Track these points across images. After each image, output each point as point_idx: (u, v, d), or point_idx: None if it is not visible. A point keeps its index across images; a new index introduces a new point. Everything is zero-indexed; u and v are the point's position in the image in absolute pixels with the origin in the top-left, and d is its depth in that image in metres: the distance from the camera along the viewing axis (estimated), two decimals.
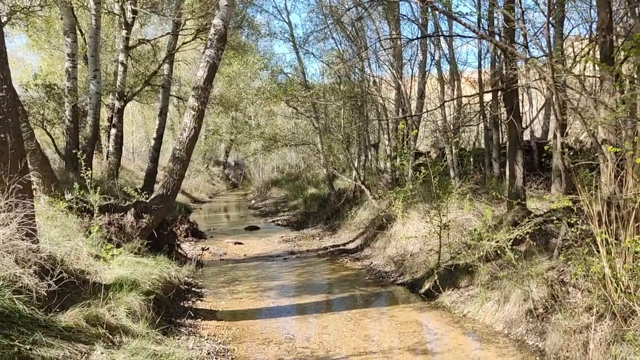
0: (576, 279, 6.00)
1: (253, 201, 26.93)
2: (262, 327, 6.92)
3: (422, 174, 8.98)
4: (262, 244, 13.65)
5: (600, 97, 6.38)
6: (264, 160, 32.81)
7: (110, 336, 5.38)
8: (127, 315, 5.85)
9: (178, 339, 6.06)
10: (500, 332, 6.42)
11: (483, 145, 15.54)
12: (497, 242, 6.54)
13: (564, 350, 5.41)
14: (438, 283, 7.86)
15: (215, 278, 9.92)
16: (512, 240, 6.72)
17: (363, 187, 14.57)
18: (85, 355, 4.86)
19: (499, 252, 7.04)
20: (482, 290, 7.35)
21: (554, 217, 6.60)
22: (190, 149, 10.15)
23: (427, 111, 12.27)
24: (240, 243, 13.60)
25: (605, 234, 5.40)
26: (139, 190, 11.79)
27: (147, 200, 10.01)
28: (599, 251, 5.56)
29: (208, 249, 12.71)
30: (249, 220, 19.36)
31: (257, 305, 8.01)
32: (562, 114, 6.32)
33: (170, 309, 7.31)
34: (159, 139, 16.49)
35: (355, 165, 15.81)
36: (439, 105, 12.69)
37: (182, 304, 7.79)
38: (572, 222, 6.00)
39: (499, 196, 10.50)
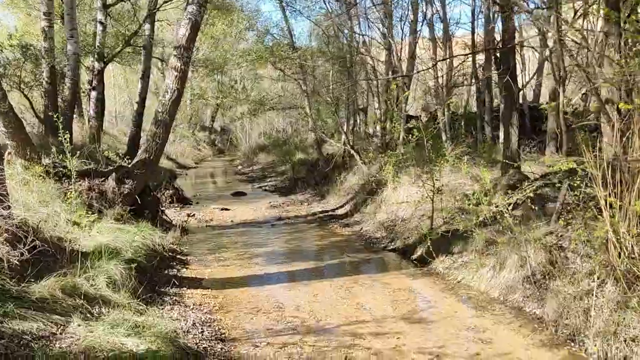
0: (576, 244, 5.79)
1: (240, 167, 26.52)
2: (250, 295, 6.66)
3: (414, 136, 8.64)
4: (250, 210, 13.34)
5: (606, 52, 6.05)
6: (250, 126, 32.23)
7: (89, 307, 5.07)
8: (107, 285, 5.54)
9: (162, 309, 5.78)
10: (496, 299, 6.23)
11: (474, 109, 15.22)
12: (497, 206, 6.27)
13: (564, 317, 5.23)
14: (431, 249, 7.63)
15: (201, 245, 9.62)
16: (510, 205, 6.45)
17: (352, 151, 14.24)
18: (62, 327, 4.56)
19: (496, 217, 6.80)
20: (476, 256, 7.14)
21: (555, 180, 6.34)
22: (173, 111, 9.73)
23: (419, 71, 11.90)
24: (227, 209, 13.28)
25: (610, 197, 5.16)
26: (121, 155, 11.38)
27: (129, 165, 9.63)
28: (602, 215, 5.33)
29: (194, 215, 12.38)
30: (236, 186, 19.00)
31: (245, 273, 7.74)
32: (564, 71, 5.98)
33: (154, 277, 7.02)
34: (142, 102, 15.91)
35: (345, 129, 15.42)
36: (431, 65, 12.28)
37: (166, 272, 7.50)
38: (574, 185, 5.74)
39: (496, 159, 10.29)
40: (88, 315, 4.92)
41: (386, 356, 4.82)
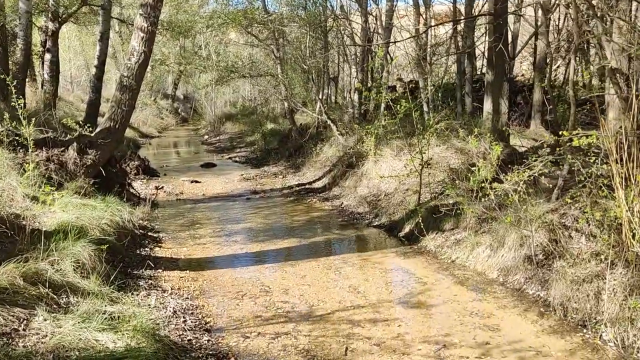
0: (583, 223, 5.47)
1: (206, 136, 25.61)
2: (232, 277, 6.16)
3: (402, 107, 8.17)
4: (221, 182, 12.71)
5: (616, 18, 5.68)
6: (216, 94, 31.04)
7: (55, 297, 4.48)
8: (74, 270, 4.94)
9: (137, 295, 5.22)
10: (495, 280, 5.91)
11: (453, 80, 14.82)
12: (513, 184, 5.88)
13: (572, 301, 4.94)
14: (422, 226, 7.27)
15: (173, 220, 9.01)
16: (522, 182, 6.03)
17: (329, 121, 13.68)
18: (25, 322, 3.98)
19: (487, 193, 6.43)
20: (470, 234, 6.81)
21: (561, 155, 5.99)
22: (140, 76, 8.99)
23: (397, 40, 11.31)
24: (197, 181, 12.61)
25: (624, 173, 4.84)
26: (80, 122, 10.52)
27: (92, 134, 8.86)
28: (613, 193, 5.03)
29: (162, 187, 11.68)
30: (204, 156, 18.24)
31: (224, 252, 7.21)
32: (580, 37, 5.56)
33: (126, 258, 6.43)
34: (100, 66, 14.82)
35: (319, 98, 14.79)
36: (411, 35, 11.75)
37: (138, 251, 6.90)
38: (578, 160, 5.40)
39: (480, 131, 9.96)
40: (55, 306, 4.33)
41: (390, 347, 4.42)
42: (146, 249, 7.11)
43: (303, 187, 11.85)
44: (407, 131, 9.94)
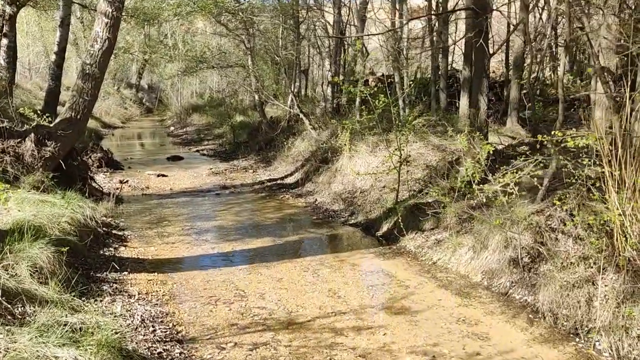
0: (571, 224, 5.31)
1: (172, 128, 24.86)
2: (204, 280, 5.78)
3: (380, 102, 7.90)
4: (189, 176, 12.22)
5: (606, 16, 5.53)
6: (182, 84, 30.20)
7: (10, 306, 4.03)
8: (31, 275, 4.48)
9: (101, 302, 4.80)
10: (479, 283, 5.72)
11: (427, 75, 14.67)
12: (503, 185, 5.67)
13: (562, 308, 4.77)
14: (402, 225, 7.03)
15: (139, 217, 8.54)
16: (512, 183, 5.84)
17: (302, 115, 13.33)
18: None
19: (465, 192, 6.24)
20: (452, 234, 6.60)
21: (549, 155, 5.83)
22: (104, 64, 8.49)
23: (379, 33, 11.04)
24: (164, 175, 12.09)
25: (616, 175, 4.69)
26: (39, 112, 9.90)
27: (52, 125, 8.32)
28: (604, 195, 4.88)
29: (127, 181, 11.13)
30: (170, 149, 17.63)
31: (194, 252, 6.82)
32: (571, 34, 5.38)
33: (88, 259, 5.97)
34: (60, 53, 14.04)
35: (291, 90, 14.39)
36: (390, 28, 11.50)
37: (102, 252, 6.44)
38: (569, 162, 5.24)
39: (457, 128, 9.83)
40: (9, 317, 3.88)
41: (376, 358, 4.15)
42: (110, 248, 6.65)
43: (275, 182, 11.50)
44: (384, 127, 9.70)
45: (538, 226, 5.53)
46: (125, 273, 5.78)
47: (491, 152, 7.01)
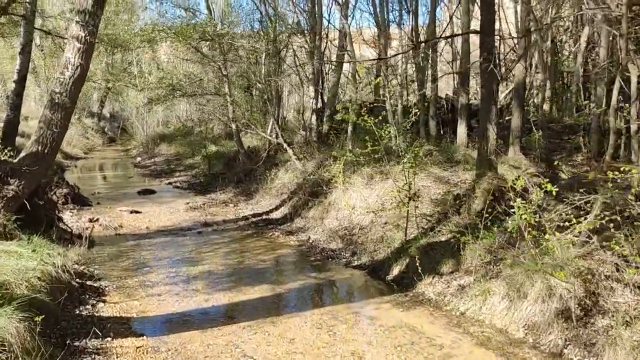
0: (632, 273, 4.71)
1: (139, 158, 23.67)
2: (204, 344, 4.91)
3: (386, 132, 7.27)
4: (166, 212, 11.26)
5: None
6: (148, 113, 29.06)
7: None
8: None
9: None
10: (523, 340, 5.01)
11: (413, 102, 14.22)
12: (576, 235, 5.03)
13: None
14: (419, 269, 6.33)
15: (116, 263, 7.57)
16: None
17: (285, 144, 12.61)
18: None
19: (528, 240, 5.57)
20: (478, 279, 5.93)
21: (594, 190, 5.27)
22: (76, 92, 7.73)
23: (374, 60, 10.51)
24: (137, 212, 11.09)
25: None
26: None
27: (15, 160, 7.39)
28: None
29: (97, 220, 10.09)
30: (140, 181, 16.56)
31: (186, 307, 5.91)
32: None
33: (63, 321, 5.03)
34: (21, 81, 12.99)
35: (274, 118, 13.64)
36: (379, 57, 11.01)
37: (78, 310, 5.48)
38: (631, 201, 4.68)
39: (453, 158, 9.38)
40: None
41: None
42: (87, 306, 5.69)
43: (260, 217, 10.67)
44: (378, 157, 9.08)
45: (589, 273, 4.92)
46: (109, 339, 4.85)
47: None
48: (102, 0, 7.67)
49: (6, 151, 8.06)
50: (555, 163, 6.73)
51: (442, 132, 12.08)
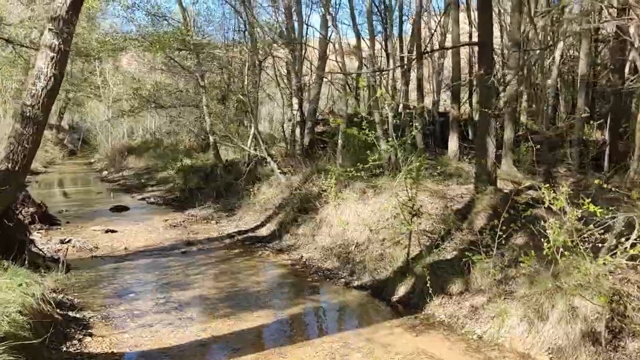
0: None
1: (105, 172, 22.73)
2: None
3: (389, 146, 6.97)
4: (144, 231, 10.64)
5: None
6: (112, 125, 28.05)
7: None
8: None
9: None
10: None
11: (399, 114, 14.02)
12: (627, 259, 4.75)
13: None
14: (430, 289, 6.01)
15: (97, 289, 6.98)
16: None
17: (268, 158, 12.18)
18: None
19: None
20: (493, 299, 5.66)
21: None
22: (49, 105, 7.20)
23: (365, 71, 10.25)
24: (113, 231, 10.43)
25: None
26: None
27: None
28: None
29: (69, 241, 9.40)
30: (110, 197, 15.78)
31: (183, 338, 5.41)
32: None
33: None
34: None
35: (256, 130, 13.18)
36: (380, 69, 10.75)
37: (65, 347, 4.92)
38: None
39: (446, 172, 9.18)
40: None
41: None
42: (74, 341, 5.13)
43: (246, 235, 10.20)
44: (373, 172, 8.78)
45: (616, 293, 4.70)
46: None
47: (501, 198, 6.23)
48: (78, 6, 7.17)
49: None
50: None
51: (428, 144, 11.91)
